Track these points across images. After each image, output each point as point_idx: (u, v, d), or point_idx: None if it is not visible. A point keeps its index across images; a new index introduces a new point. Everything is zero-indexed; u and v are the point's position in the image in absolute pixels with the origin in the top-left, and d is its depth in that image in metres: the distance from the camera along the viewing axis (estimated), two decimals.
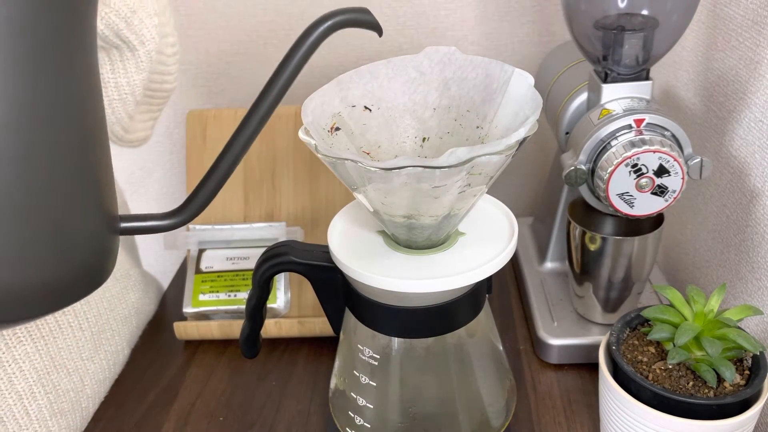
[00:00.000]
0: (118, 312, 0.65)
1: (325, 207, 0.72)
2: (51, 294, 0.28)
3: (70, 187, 0.27)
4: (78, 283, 0.29)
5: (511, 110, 0.40)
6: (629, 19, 0.52)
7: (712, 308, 0.47)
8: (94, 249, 0.29)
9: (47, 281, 0.27)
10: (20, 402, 0.51)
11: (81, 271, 0.29)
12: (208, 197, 0.32)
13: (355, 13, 0.33)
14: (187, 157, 0.74)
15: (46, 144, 0.26)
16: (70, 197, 0.27)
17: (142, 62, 0.56)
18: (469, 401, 0.48)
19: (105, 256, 0.30)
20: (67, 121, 0.27)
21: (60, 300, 0.29)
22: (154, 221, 0.32)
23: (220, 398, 0.61)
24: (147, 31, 0.55)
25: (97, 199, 0.29)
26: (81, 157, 0.28)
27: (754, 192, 0.55)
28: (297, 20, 0.81)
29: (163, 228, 0.32)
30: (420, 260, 0.43)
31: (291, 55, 0.32)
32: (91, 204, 0.29)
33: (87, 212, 0.28)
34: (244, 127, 0.32)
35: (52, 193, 0.26)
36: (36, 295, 0.27)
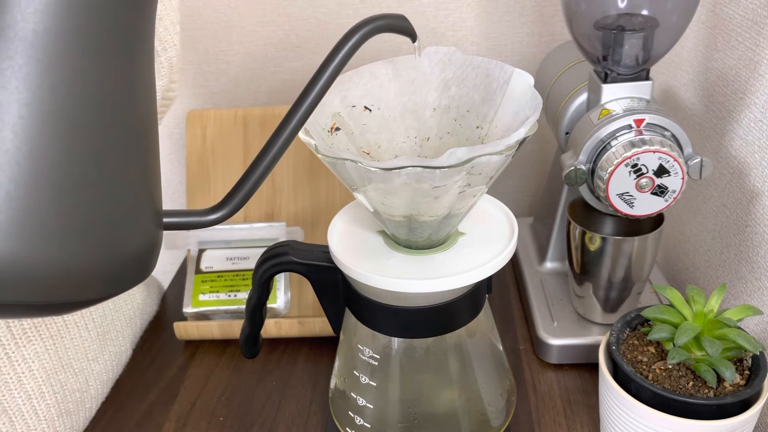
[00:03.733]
0: (123, 313, 0.65)
1: (325, 207, 0.72)
2: (102, 279, 0.29)
3: (128, 176, 0.28)
4: (127, 273, 0.30)
5: (511, 110, 0.40)
6: (629, 19, 0.52)
7: (712, 308, 0.47)
8: (143, 240, 0.30)
9: (101, 266, 0.28)
10: (29, 402, 0.51)
11: (131, 261, 0.30)
12: (248, 192, 0.33)
13: (393, 19, 0.35)
14: (187, 157, 0.74)
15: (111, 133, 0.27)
16: (127, 187, 0.28)
17: (163, 68, 0.57)
18: (469, 401, 0.48)
19: (152, 248, 0.31)
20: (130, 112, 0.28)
21: (110, 287, 0.29)
22: (196, 217, 0.33)
23: (220, 398, 0.61)
24: (170, 38, 0.55)
25: (149, 191, 0.30)
26: (139, 149, 0.29)
27: (754, 192, 0.55)
28: (297, 20, 0.81)
29: (205, 223, 0.33)
30: (420, 260, 0.43)
31: (330, 59, 0.33)
32: (143, 195, 0.30)
33: (140, 203, 0.29)
34: (285, 125, 0.33)
35: (112, 180, 0.27)
36: (89, 279, 0.28)
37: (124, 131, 0.28)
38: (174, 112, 0.87)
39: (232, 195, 0.33)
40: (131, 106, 0.28)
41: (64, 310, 0.29)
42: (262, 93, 0.86)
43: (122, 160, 0.28)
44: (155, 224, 0.31)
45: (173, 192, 0.93)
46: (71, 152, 0.25)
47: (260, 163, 0.33)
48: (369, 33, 0.33)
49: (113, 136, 0.27)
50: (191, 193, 0.73)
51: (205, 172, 0.73)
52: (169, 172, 0.92)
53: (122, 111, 0.27)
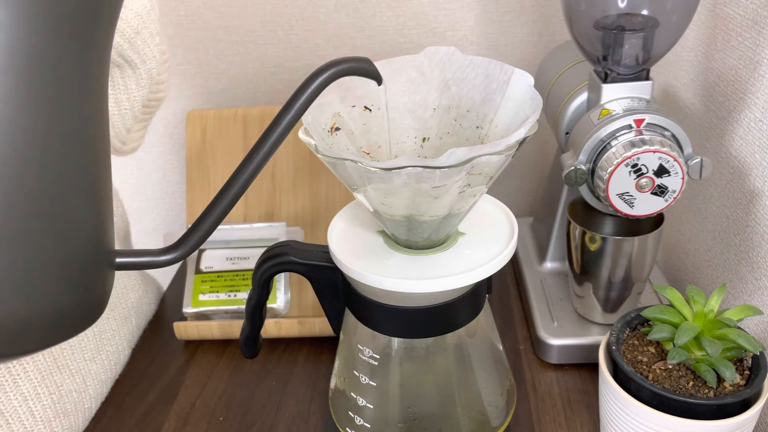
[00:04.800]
0: (118, 312, 0.65)
1: (325, 207, 0.72)
2: (51, 326, 0.27)
3: (77, 217, 0.27)
4: (77, 316, 0.29)
5: (511, 110, 0.40)
6: (629, 19, 0.52)
7: (712, 308, 0.47)
8: (94, 282, 0.29)
9: (48, 312, 0.27)
10: (25, 403, 0.51)
11: (81, 304, 0.28)
12: (205, 234, 0.32)
13: (357, 63, 0.34)
14: (187, 157, 0.74)
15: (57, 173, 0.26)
16: (77, 227, 0.27)
17: (142, 79, 0.57)
18: (469, 401, 0.48)
19: (103, 289, 0.30)
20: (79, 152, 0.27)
21: (58, 333, 0.28)
22: (150, 257, 0.32)
23: (220, 398, 0.61)
24: (149, 50, 0.55)
25: (100, 232, 0.29)
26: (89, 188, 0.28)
27: (754, 192, 0.55)
28: (297, 20, 0.81)
29: (159, 264, 0.32)
30: (420, 260, 0.43)
31: (292, 102, 0.32)
32: (95, 235, 0.29)
33: (90, 244, 0.28)
34: (244, 168, 0.32)
35: (59, 222, 0.26)
36: (36, 326, 0.27)
37: (72, 175, 0.26)
38: (174, 111, 0.87)
39: (188, 235, 0.32)
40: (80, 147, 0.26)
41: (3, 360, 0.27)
42: (262, 93, 0.86)
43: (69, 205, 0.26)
44: (106, 266, 0.30)
45: (173, 192, 0.93)
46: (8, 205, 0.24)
47: (218, 205, 0.32)
48: (333, 76, 0.32)
49: (59, 182, 0.26)
50: (191, 193, 0.73)
51: (205, 172, 0.73)
52: (169, 171, 0.92)
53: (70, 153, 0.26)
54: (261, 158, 0.32)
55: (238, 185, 0.32)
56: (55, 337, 0.28)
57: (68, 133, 0.26)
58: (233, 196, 0.32)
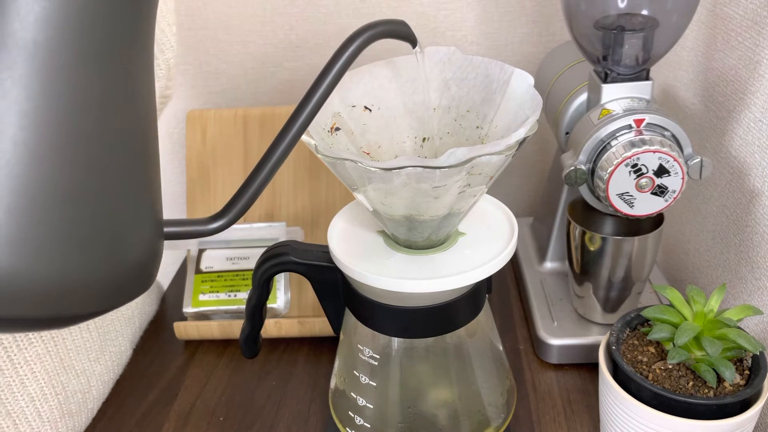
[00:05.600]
0: (122, 312, 0.65)
1: (325, 207, 0.72)
2: (104, 291, 0.28)
3: (130, 187, 0.28)
4: (129, 284, 0.30)
5: (511, 110, 0.40)
6: (629, 19, 0.52)
7: (712, 308, 0.47)
8: (145, 251, 0.30)
9: (102, 279, 0.28)
10: (32, 404, 0.51)
11: (132, 272, 0.29)
12: (249, 200, 0.32)
13: (394, 25, 0.35)
14: (187, 157, 0.74)
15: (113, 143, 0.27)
16: (129, 198, 0.28)
17: (161, 70, 0.57)
18: (469, 401, 0.48)
19: (153, 258, 0.31)
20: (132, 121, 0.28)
21: (112, 299, 0.29)
22: (197, 226, 0.33)
23: (220, 398, 0.61)
24: (167, 40, 0.55)
25: (150, 201, 0.30)
26: (141, 159, 0.29)
27: (754, 192, 0.55)
28: (297, 20, 0.81)
29: (206, 232, 0.33)
30: (420, 260, 0.43)
31: (331, 65, 0.33)
32: (144, 206, 0.29)
33: (141, 213, 0.29)
34: (286, 131, 0.32)
35: (113, 191, 0.27)
36: (90, 292, 0.27)
37: (126, 141, 0.27)
38: (174, 112, 0.87)
39: (233, 203, 0.32)
40: (133, 116, 0.28)
41: (65, 323, 0.28)
42: (262, 93, 0.86)
43: (124, 170, 0.27)
44: (156, 235, 0.31)
45: (173, 192, 0.93)
46: (73, 163, 0.25)
47: (261, 169, 0.32)
48: (369, 39, 0.33)
49: (115, 146, 0.27)
50: (191, 193, 0.73)
51: (205, 172, 0.73)
52: (169, 172, 0.92)
53: (124, 120, 0.27)
54: (303, 121, 0.33)
55: (281, 150, 0.32)
56: (111, 301, 0.29)
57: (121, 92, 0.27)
58: (276, 160, 0.32)
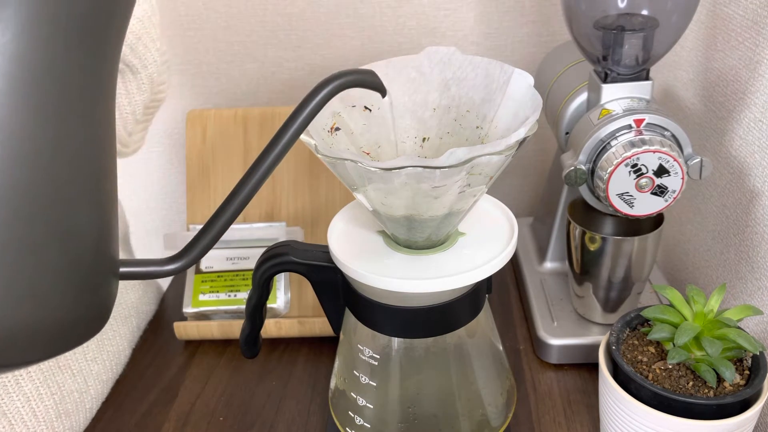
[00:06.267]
0: (119, 312, 0.65)
1: (325, 207, 0.72)
2: (55, 335, 0.27)
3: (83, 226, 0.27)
4: (81, 326, 0.29)
5: (511, 110, 0.40)
6: (629, 19, 0.52)
7: (712, 308, 0.47)
8: (99, 291, 0.29)
9: (52, 321, 0.27)
10: (28, 404, 0.51)
11: (84, 314, 0.28)
12: (209, 243, 0.32)
13: (362, 75, 0.34)
14: (187, 157, 0.74)
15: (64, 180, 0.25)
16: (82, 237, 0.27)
17: (143, 84, 0.57)
18: (469, 401, 0.48)
19: (107, 299, 0.30)
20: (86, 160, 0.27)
21: (62, 343, 0.28)
22: (154, 266, 0.32)
23: (220, 398, 0.61)
24: (150, 55, 0.56)
25: (105, 242, 0.29)
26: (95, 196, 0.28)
27: (754, 192, 0.55)
28: (297, 20, 0.81)
29: (163, 274, 0.32)
30: (420, 260, 0.43)
31: (297, 113, 0.32)
32: (100, 245, 0.28)
33: (95, 253, 0.28)
34: (248, 178, 0.32)
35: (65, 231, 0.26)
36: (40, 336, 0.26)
37: (80, 184, 0.26)
38: (174, 112, 0.87)
39: (192, 245, 0.32)
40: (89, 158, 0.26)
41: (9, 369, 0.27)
42: (262, 93, 0.86)
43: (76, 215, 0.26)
44: (111, 276, 0.30)
45: (173, 192, 0.93)
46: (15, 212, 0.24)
47: (222, 215, 0.31)
48: (338, 88, 0.32)
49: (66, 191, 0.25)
50: (191, 193, 0.73)
51: (205, 172, 0.73)
52: (169, 172, 0.92)
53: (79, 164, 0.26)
54: (265, 169, 0.32)
55: (242, 196, 0.32)
56: (60, 347, 0.28)
57: (76, 140, 0.26)
58: (237, 206, 0.32)
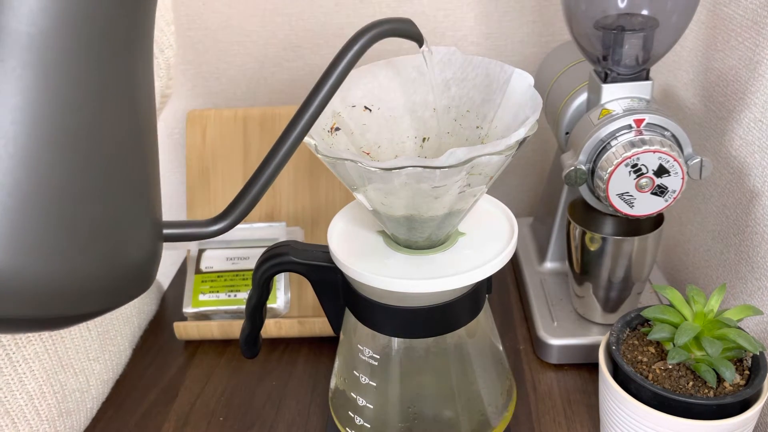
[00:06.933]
0: (121, 312, 0.65)
1: (325, 207, 0.72)
2: (103, 292, 0.28)
3: (128, 186, 0.28)
4: (127, 285, 0.29)
5: (510, 110, 0.40)
6: (629, 19, 0.52)
7: (712, 308, 0.47)
8: (143, 252, 0.29)
9: (100, 279, 0.27)
10: (31, 402, 0.52)
11: (130, 274, 0.29)
12: (251, 202, 0.32)
13: (400, 23, 0.34)
14: (187, 157, 0.74)
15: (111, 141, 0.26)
16: (127, 197, 0.28)
17: (161, 69, 0.57)
18: (469, 401, 0.48)
19: (151, 260, 0.30)
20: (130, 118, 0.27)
21: (110, 300, 0.29)
22: (197, 228, 0.32)
23: (220, 398, 0.61)
24: (166, 39, 0.55)
25: (149, 202, 0.29)
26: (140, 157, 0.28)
27: (754, 192, 0.55)
28: (297, 20, 0.81)
29: (206, 235, 0.32)
30: (420, 260, 0.43)
31: (336, 62, 0.32)
32: (143, 207, 0.29)
33: (140, 215, 0.29)
34: (289, 132, 0.32)
35: (111, 190, 0.26)
36: (88, 292, 0.27)
37: (125, 138, 0.27)
38: (174, 112, 0.87)
39: (234, 205, 0.32)
40: (131, 114, 0.27)
41: (63, 324, 0.28)
42: (262, 93, 0.86)
43: (122, 169, 0.27)
44: (155, 236, 0.30)
45: (173, 192, 0.93)
46: (69, 161, 0.24)
47: (264, 170, 0.32)
48: (375, 37, 0.33)
49: (113, 143, 0.26)
50: (191, 193, 0.73)
51: (205, 172, 0.73)
52: (169, 172, 0.92)
53: (122, 119, 0.26)
54: (307, 121, 0.32)
55: (283, 151, 0.32)
56: (111, 303, 0.29)
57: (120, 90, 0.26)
58: (279, 161, 0.32)
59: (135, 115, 0.27)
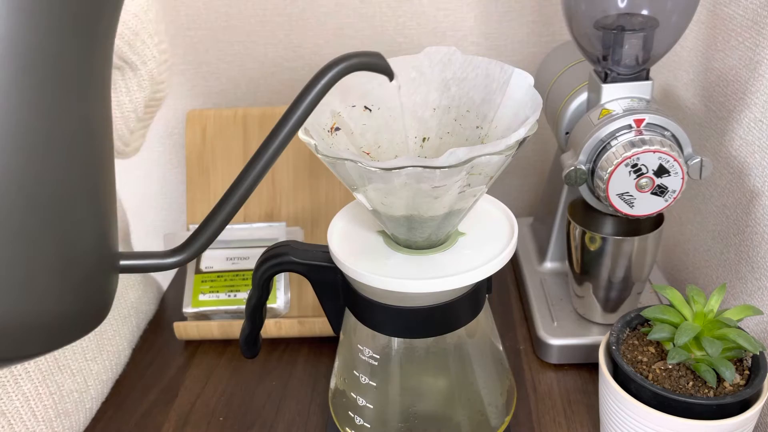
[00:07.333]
0: (118, 311, 0.65)
1: (325, 207, 0.72)
2: (53, 329, 0.27)
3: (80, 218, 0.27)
4: (80, 319, 0.28)
5: (511, 110, 0.40)
6: (629, 19, 0.52)
7: (712, 308, 0.47)
8: (98, 284, 0.29)
9: (50, 315, 0.26)
10: (27, 403, 0.51)
11: (82, 308, 0.28)
12: (210, 237, 0.31)
13: (369, 57, 0.33)
14: (187, 157, 0.74)
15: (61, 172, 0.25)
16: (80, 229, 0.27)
17: (144, 80, 0.57)
18: (469, 401, 0.48)
19: (106, 293, 0.29)
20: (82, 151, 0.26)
21: (61, 336, 0.28)
22: (155, 260, 0.31)
23: (220, 398, 0.61)
24: (149, 51, 0.55)
25: (102, 232, 0.28)
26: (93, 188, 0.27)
27: (754, 192, 0.55)
28: (297, 20, 0.81)
29: (164, 267, 0.31)
30: (420, 260, 0.43)
31: (301, 99, 0.31)
32: (98, 237, 0.28)
33: (94, 245, 0.28)
34: (251, 167, 0.31)
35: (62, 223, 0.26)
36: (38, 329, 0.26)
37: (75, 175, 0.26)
38: (174, 112, 0.87)
39: (195, 237, 0.31)
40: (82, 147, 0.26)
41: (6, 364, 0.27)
42: (262, 93, 0.86)
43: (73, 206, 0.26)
44: (110, 268, 0.29)
45: (173, 192, 0.93)
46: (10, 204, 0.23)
47: (225, 204, 0.31)
48: (343, 72, 0.32)
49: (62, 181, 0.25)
50: (191, 193, 0.73)
51: (205, 172, 0.73)
52: (169, 172, 0.92)
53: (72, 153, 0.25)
54: (269, 157, 0.31)
55: (245, 186, 0.31)
56: (58, 341, 0.28)
57: (72, 130, 0.25)
58: (239, 198, 0.31)
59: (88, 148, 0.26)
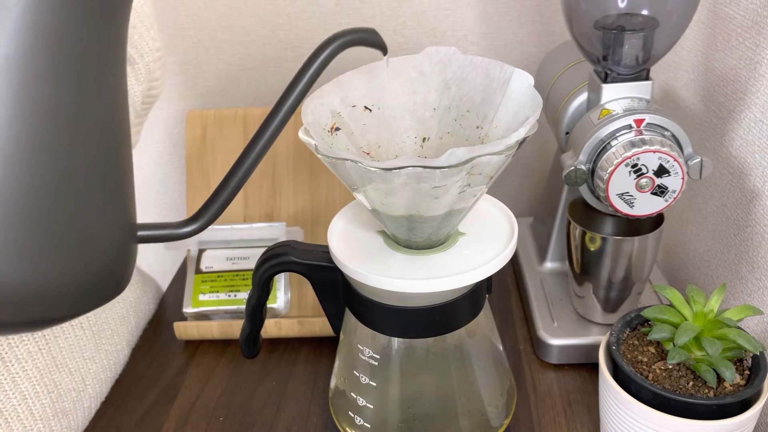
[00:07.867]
0: (116, 311, 0.65)
1: (325, 207, 0.72)
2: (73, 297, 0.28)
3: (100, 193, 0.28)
4: (100, 288, 0.29)
5: (511, 110, 0.40)
6: (629, 19, 0.52)
7: (712, 308, 0.47)
8: (116, 255, 0.30)
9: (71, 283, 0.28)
10: (24, 402, 0.51)
11: (102, 277, 0.29)
12: (223, 204, 0.33)
13: (364, 33, 0.35)
14: (187, 157, 0.74)
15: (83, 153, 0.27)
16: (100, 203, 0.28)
17: (141, 74, 0.57)
18: (469, 401, 0.48)
19: (125, 263, 0.31)
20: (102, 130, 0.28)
21: (82, 304, 0.29)
22: (171, 229, 0.33)
23: (220, 398, 0.61)
24: (145, 44, 0.55)
25: (122, 205, 0.30)
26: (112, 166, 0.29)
27: (754, 192, 0.55)
28: (297, 20, 0.81)
29: (180, 236, 0.33)
30: (420, 260, 0.43)
31: (301, 74, 0.33)
32: (116, 209, 0.29)
33: (111, 217, 0.29)
34: (257, 139, 0.33)
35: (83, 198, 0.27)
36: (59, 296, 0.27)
37: (96, 149, 0.27)
38: (174, 112, 0.87)
39: (207, 207, 0.33)
40: (103, 124, 0.28)
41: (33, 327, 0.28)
42: (262, 93, 0.86)
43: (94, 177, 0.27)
44: (129, 238, 0.31)
45: (173, 192, 0.93)
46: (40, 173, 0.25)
47: (235, 173, 0.32)
48: (340, 47, 0.34)
49: (85, 155, 0.27)
50: (191, 193, 0.73)
51: (205, 172, 0.73)
52: (169, 171, 0.92)
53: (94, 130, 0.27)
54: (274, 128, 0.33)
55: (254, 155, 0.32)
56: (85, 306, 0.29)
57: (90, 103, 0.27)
58: (247, 168, 0.32)
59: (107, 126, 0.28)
